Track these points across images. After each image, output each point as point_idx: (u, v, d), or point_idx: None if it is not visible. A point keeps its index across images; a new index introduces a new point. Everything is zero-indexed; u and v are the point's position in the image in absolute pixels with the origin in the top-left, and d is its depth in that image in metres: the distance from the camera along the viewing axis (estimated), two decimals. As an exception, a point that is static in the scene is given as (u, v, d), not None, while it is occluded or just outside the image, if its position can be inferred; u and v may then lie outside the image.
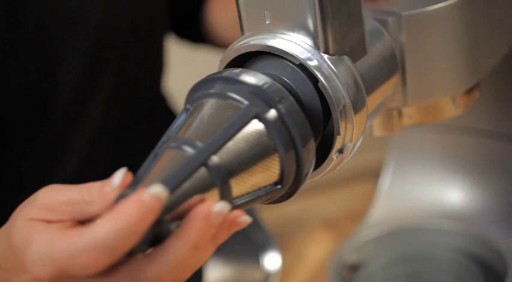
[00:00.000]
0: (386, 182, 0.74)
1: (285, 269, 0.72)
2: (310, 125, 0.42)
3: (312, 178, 0.46)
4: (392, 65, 0.51)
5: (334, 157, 0.44)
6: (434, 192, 0.72)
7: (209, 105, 0.41)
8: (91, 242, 0.36)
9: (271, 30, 0.46)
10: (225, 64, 0.47)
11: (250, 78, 0.42)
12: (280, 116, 0.41)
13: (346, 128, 0.44)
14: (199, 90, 0.43)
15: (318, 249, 0.75)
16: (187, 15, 0.88)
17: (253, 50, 0.45)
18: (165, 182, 0.37)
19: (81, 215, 0.40)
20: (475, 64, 0.55)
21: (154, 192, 0.36)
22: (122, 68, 0.76)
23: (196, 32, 0.89)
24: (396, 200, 0.73)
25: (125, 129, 0.78)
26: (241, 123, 0.40)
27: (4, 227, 0.43)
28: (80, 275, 0.37)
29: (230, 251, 0.71)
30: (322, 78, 0.44)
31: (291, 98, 0.42)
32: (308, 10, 0.44)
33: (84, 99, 0.73)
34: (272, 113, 0.41)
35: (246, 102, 0.41)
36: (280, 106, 0.41)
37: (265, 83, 0.42)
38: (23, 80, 0.69)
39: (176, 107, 0.94)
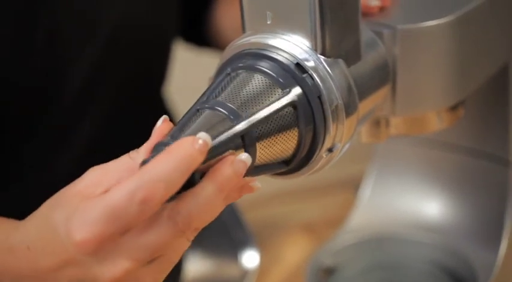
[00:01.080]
0: (367, 191, 0.76)
1: (262, 268, 0.73)
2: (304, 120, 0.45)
3: (301, 175, 0.48)
4: (385, 75, 0.53)
5: (324, 155, 0.46)
6: (412, 204, 0.74)
7: (245, 77, 0.45)
8: (149, 176, 0.38)
9: (272, 30, 0.48)
10: (224, 60, 0.49)
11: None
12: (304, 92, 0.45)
13: (337, 128, 0.46)
14: (234, 62, 0.47)
15: (295, 252, 0.77)
16: (194, 18, 0.90)
17: (253, 48, 0.47)
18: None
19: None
20: (462, 81, 0.57)
21: (203, 138, 0.39)
22: (128, 71, 0.77)
23: (201, 35, 0.91)
24: (376, 209, 0.75)
25: (125, 128, 0.80)
26: (274, 97, 0.45)
27: (43, 207, 0.44)
28: (135, 219, 0.39)
29: (210, 247, 0.72)
30: (317, 79, 0.46)
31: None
32: (308, 13, 0.46)
33: (88, 99, 0.74)
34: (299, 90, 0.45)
35: (281, 80, 0.45)
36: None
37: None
38: (30, 75, 0.70)
39: (175, 107, 0.96)
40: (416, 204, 0.74)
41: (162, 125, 0.43)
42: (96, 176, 0.43)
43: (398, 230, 0.73)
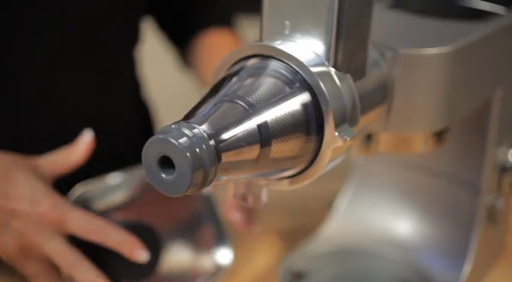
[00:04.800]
0: (342, 204, 0.79)
1: (235, 266, 0.76)
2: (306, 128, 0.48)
3: (306, 179, 0.50)
4: (384, 93, 0.57)
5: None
6: (384, 221, 0.77)
7: (264, 77, 0.48)
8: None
9: (289, 39, 0.51)
10: (235, 60, 0.51)
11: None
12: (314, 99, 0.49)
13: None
14: (249, 63, 0.50)
15: (268, 254, 0.80)
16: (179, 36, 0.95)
17: (265, 54, 0.50)
18: (224, 129, 0.44)
19: None
20: (451, 108, 0.61)
21: None
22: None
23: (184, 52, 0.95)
24: (349, 222, 0.78)
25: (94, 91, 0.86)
26: (288, 96, 0.48)
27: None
28: None
29: (187, 239, 0.75)
30: (327, 89, 0.49)
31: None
32: (325, 26, 0.49)
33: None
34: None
35: (297, 84, 0.48)
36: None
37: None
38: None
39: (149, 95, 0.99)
40: (388, 221, 0.77)
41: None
42: None
43: (368, 244, 0.76)
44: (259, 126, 0.46)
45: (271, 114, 0.46)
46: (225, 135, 0.44)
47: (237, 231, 0.75)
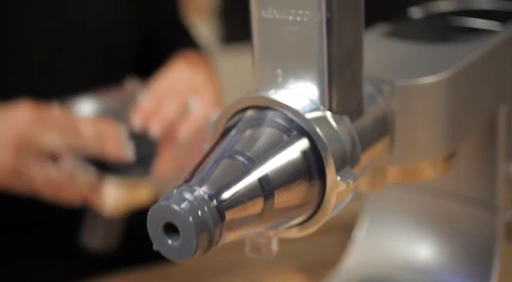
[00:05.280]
0: (361, 233, 0.79)
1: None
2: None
3: (315, 224, 0.51)
4: (384, 128, 0.57)
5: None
6: (404, 247, 0.77)
7: (262, 128, 0.49)
8: None
9: (282, 86, 0.51)
10: (232, 113, 0.52)
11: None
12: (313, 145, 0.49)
13: (341, 180, 0.49)
14: (245, 116, 0.50)
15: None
16: None
17: (261, 105, 0.50)
18: (224, 187, 0.44)
19: None
20: (455, 133, 0.61)
21: None
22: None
23: None
24: (369, 251, 0.78)
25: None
26: (286, 145, 0.48)
27: None
28: None
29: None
30: (324, 134, 0.49)
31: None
32: (317, 71, 0.50)
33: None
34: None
35: (294, 132, 0.49)
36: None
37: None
38: None
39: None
40: (407, 247, 0.77)
41: None
42: None
43: (390, 271, 0.76)
44: (260, 179, 0.46)
45: (271, 166, 0.47)
46: (227, 194, 0.44)
47: (257, 272, 0.75)
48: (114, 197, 0.76)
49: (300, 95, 0.50)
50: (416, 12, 0.76)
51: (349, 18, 0.49)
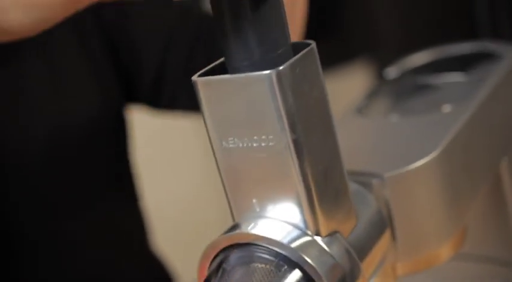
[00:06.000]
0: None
1: None
2: None
3: None
4: (382, 226, 0.52)
5: None
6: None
7: (249, 270, 0.44)
8: None
9: (262, 215, 0.47)
10: (214, 254, 0.47)
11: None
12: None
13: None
14: (229, 256, 0.46)
15: None
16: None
17: (242, 242, 0.46)
18: None
19: None
20: (459, 208, 0.56)
21: None
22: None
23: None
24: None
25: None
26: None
27: None
28: None
29: None
30: (315, 262, 0.44)
31: None
32: (295, 196, 0.45)
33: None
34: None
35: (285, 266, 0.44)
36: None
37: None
38: None
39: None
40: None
41: None
42: None
43: None
44: None
45: None
46: None
47: None
48: None
49: (282, 223, 0.46)
50: (391, 72, 0.71)
51: (319, 134, 0.45)
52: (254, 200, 0.46)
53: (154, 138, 1.10)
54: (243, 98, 0.43)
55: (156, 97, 0.86)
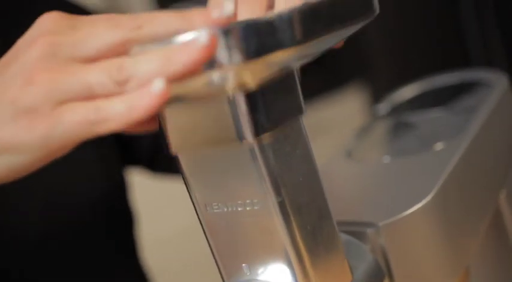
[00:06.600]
0: None
1: None
2: None
3: None
4: (379, 278, 0.50)
5: None
6: None
7: None
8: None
9: (252, 279, 0.45)
10: None
11: None
12: None
13: None
14: None
15: None
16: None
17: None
18: None
19: None
20: (460, 248, 0.54)
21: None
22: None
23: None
24: None
25: None
26: None
27: None
28: None
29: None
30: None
31: None
32: (285, 258, 0.44)
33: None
34: None
35: None
36: None
37: None
38: None
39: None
40: None
41: None
42: None
43: None
44: None
45: None
46: None
47: None
48: None
49: (275, 286, 0.44)
50: (381, 109, 0.70)
51: (305, 192, 0.43)
52: (244, 265, 0.45)
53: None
54: (225, 162, 0.42)
55: (154, 162, 0.88)
